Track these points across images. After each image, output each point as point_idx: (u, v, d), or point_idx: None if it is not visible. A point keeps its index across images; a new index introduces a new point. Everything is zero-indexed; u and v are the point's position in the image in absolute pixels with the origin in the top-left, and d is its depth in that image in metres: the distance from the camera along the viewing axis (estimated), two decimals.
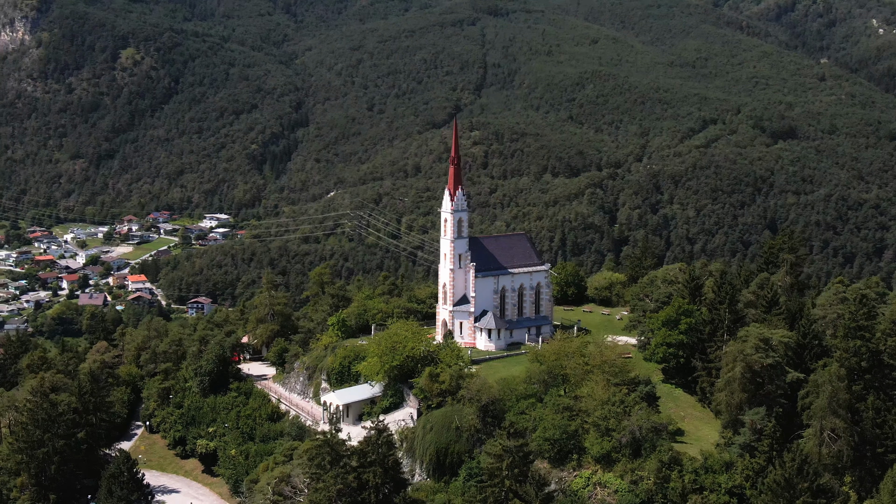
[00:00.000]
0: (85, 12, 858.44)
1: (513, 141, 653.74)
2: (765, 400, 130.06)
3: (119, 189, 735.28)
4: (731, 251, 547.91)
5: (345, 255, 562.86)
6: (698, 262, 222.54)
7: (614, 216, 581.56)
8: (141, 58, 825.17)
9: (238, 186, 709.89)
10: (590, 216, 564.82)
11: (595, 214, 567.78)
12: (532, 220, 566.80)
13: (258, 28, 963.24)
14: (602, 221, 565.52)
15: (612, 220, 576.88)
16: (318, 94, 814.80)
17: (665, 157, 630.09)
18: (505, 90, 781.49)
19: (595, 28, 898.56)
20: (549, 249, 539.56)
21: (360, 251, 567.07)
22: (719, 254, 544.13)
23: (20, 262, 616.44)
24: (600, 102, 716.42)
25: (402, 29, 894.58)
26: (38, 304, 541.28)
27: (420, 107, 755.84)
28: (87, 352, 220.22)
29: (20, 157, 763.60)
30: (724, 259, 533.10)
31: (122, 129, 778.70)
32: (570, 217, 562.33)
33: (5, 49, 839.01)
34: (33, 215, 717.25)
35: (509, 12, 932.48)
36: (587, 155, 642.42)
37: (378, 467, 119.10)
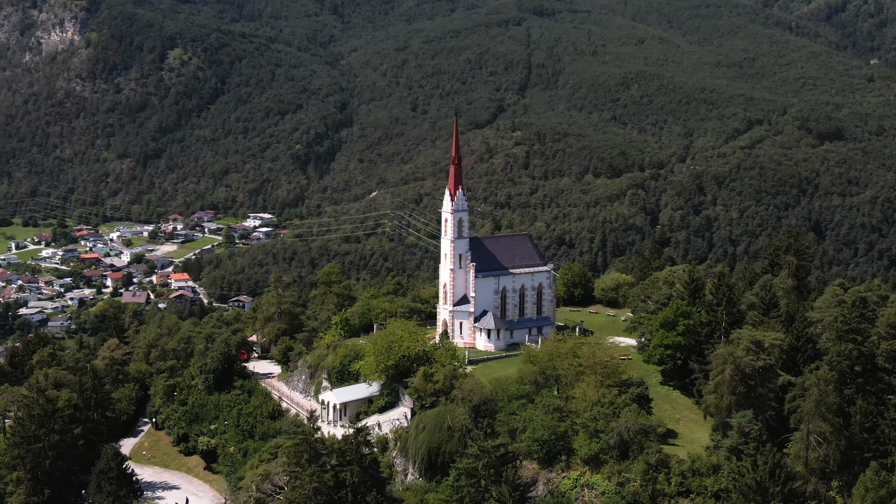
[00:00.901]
0: (133, 13, 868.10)
1: (555, 141, 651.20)
2: (756, 403, 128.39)
3: (165, 188, 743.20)
4: None
5: (384, 255, 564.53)
6: (703, 263, 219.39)
7: (656, 217, 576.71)
8: (188, 58, 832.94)
9: (282, 186, 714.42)
10: (631, 217, 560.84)
11: (636, 215, 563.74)
12: (572, 220, 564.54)
13: (305, 29, 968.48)
14: (643, 222, 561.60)
15: (654, 222, 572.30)
16: (362, 94, 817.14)
17: (709, 157, 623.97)
18: (549, 90, 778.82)
19: (642, 28, 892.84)
20: (590, 250, 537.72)
21: (400, 251, 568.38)
22: (763, 256, 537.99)
23: (66, 260, 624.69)
24: (644, 103, 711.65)
25: (447, 29, 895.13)
26: (82, 302, 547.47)
27: (463, 107, 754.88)
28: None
29: (68, 157, 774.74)
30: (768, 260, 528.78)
31: (169, 128, 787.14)
32: (611, 218, 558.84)
33: (55, 49, 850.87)
34: (80, 214, 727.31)
35: (555, 12, 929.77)
36: (630, 155, 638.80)
37: (355, 466, 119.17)
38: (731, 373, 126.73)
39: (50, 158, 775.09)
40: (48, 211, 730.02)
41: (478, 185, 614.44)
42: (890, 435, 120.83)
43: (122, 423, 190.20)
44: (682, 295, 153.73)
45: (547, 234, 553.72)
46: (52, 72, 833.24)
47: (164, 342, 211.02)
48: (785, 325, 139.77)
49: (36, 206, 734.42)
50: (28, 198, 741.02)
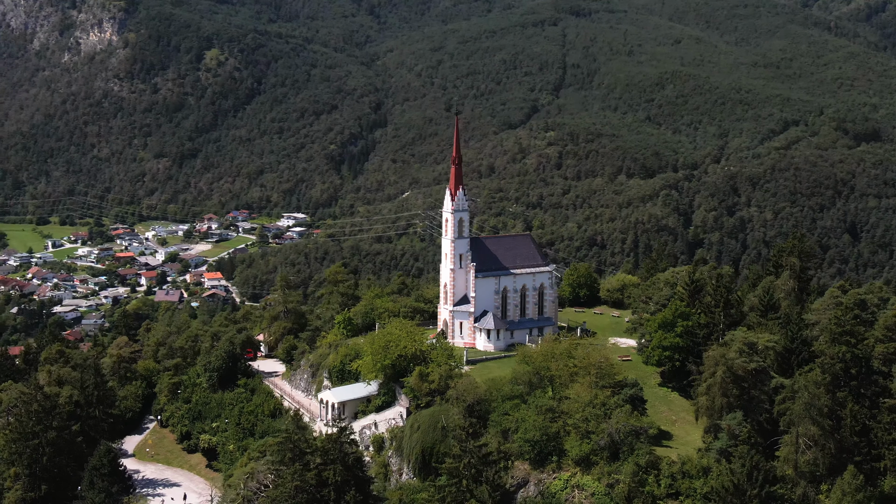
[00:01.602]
0: (171, 13, 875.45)
1: (588, 142, 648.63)
2: (749, 405, 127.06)
3: (200, 188, 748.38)
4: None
5: (415, 255, 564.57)
6: (707, 265, 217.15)
7: (689, 218, 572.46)
8: (225, 58, 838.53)
9: (316, 186, 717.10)
10: (664, 218, 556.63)
11: (669, 216, 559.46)
12: (604, 221, 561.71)
13: (341, 29, 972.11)
14: (676, 224, 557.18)
15: (687, 223, 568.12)
16: (397, 94, 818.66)
17: (743, 158, 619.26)
18: (583, 90, 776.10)
19: (679, 28, 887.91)
20: (622, 251, 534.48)
21: (431, 251, 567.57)
22: None
23: (101, 259, 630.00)
24: (679, 103, 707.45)
25: (483, 30, 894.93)
26: (116, 300, 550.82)
27: (497, 107, 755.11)
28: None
29: (106, 156, 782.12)
30: None
31: (205, 128, 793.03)
32: (644, 219, 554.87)
33: (93, 49, 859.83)
34: (117, 213, 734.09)
35: (592, 12, 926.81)
36: (663, 156, 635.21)
37: (339, 465, 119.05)
38: (722, 374, 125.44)
39: (87, 158, 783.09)
40: (85, 210, 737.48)
41: (509, 185, 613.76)
42: (883, 438, 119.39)
43: (127, 420, 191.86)
44: (681, 296, 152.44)
45: (578, 234, 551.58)
46: (91, 72, 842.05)
47: (172, 340, 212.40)
48: (783, 328, 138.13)
49: (73, 206, 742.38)
50: (65, 197, 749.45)
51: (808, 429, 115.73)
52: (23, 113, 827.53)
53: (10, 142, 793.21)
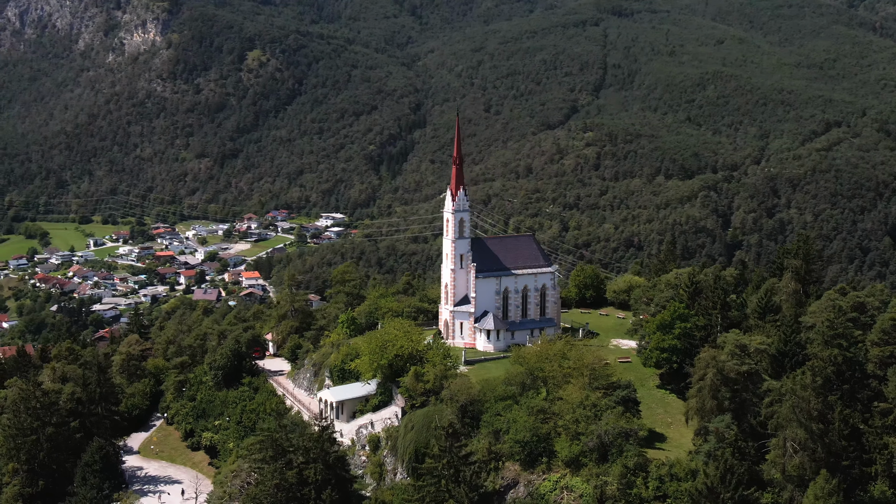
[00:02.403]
0: (214, 14, 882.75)
1: (626, 142, 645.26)
2: (740, 407, 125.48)
3: (241, 188, 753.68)
4: (849, 257, 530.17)
5: None
6: (713, 266, 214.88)
7: (728, 220, 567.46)
8: (266, 59, 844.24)
9: (354, 186, 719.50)
10: (702, 219, 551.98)
11: (708, 218, 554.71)
12: (642, 222, 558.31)
13: (383, 30, 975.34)
14: (715, 225, 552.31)
15: (726, 224, 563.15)
16: (436, 95, 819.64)
17: (784, 160, 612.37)
18: (623, 91, 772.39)
19: (722, 28, 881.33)
20: (658, 253, 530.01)
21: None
22: (836, 260, 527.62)
23: (141, 258, 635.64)
24: (720, 104, 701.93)
25: (524, 30, 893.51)
26: (155, 299, 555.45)
27: (536, 108, 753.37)
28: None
29: (148, 156, 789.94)
30: (840, 265, 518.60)
31: (247, 129, 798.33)
32: (682, 220, 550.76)
33: (137, 50, 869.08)
34: (158, 212, 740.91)
35: (634, 12, 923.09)
36: (703, 157, 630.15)
37: (320, 464, 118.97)
38: (712, 377, 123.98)
39: (130, 157, 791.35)
40: (127, 209, 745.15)
41: (546, 186, 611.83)
42: (874, 443, 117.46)
43: (134, 418, 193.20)
44: (681, 298, 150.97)
45: (615, 235, 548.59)
46: (134, 72, 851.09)
47: (181, 338, 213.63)
48: (781, 330, 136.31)
49: (115, 205, 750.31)
50: (108, 196, 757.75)
51: (796, 432, 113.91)
52: (67, 113, 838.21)
53: (54, 141, 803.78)
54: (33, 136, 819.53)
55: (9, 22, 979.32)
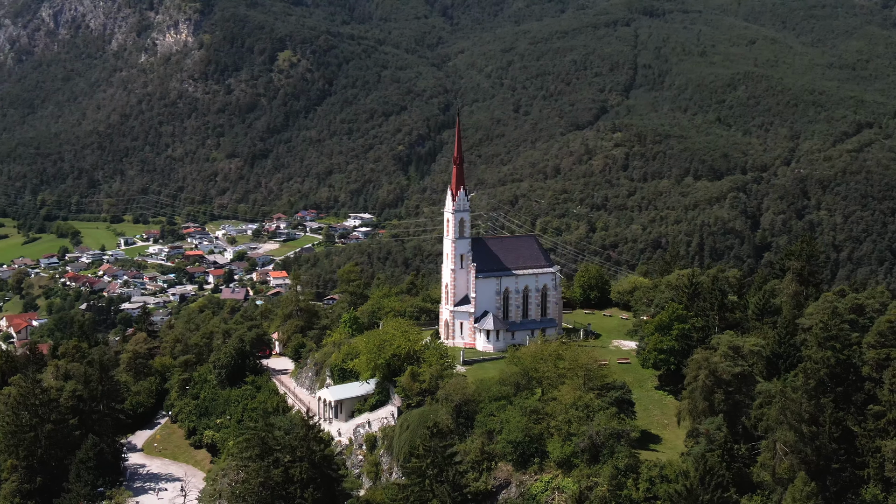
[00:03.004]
0: (245, 15, 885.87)
1: (655, 143, 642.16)
2: (733, 409, 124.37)
3: (270, 188, 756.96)
4: (879, 259, 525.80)
5: None
6: (714, 267, 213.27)
7: (757, 221, 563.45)
8: (297, 60, 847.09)
9: (382, 187, 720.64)
10: (730, 221, 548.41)
11: (736, 219, 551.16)
12: (669, 223, 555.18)
13: (413, 31, 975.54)
14: (743, 226, 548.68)
15: (755, 226, 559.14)
16: (466, 95, 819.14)
17: (814, 161, 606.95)
18: (654, 91, 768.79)
19: (754, 28, 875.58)
20: (686, 254, 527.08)
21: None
22: (866, 262, 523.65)
23: (171, 257, 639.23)
24: (751, 104, 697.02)
25: (554, 30, 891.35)
26: (183, 298, 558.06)
27: (566, 108, 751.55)
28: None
29: (179, 156, 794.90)
30: (870, 267, 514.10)
31: (277, 129, 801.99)
32: (710, 221, 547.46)
33: (169, 50, 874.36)
34: (189, 212, 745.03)
35: (666, 13, 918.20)
36: (732, 158, 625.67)
37: (305, 462, 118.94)
38: (704, 378, 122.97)
39: (161, 157, 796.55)
40: (158, 209, 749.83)
41: (574, 186, 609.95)
42: (866, 446, 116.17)
43: (139, 415, 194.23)
44: (680, 299, 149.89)
45: (643, 236, 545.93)
46: (166, 72, 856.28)
47: (187, 337, 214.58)
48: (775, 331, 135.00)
49: (146, 204, 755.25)
50: (139, 195, 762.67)
51: (785, 434, 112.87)
52: (100, 112, 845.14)
53: (86, 141, 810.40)
54: (66, 135, 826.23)
55: (43, 22, 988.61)
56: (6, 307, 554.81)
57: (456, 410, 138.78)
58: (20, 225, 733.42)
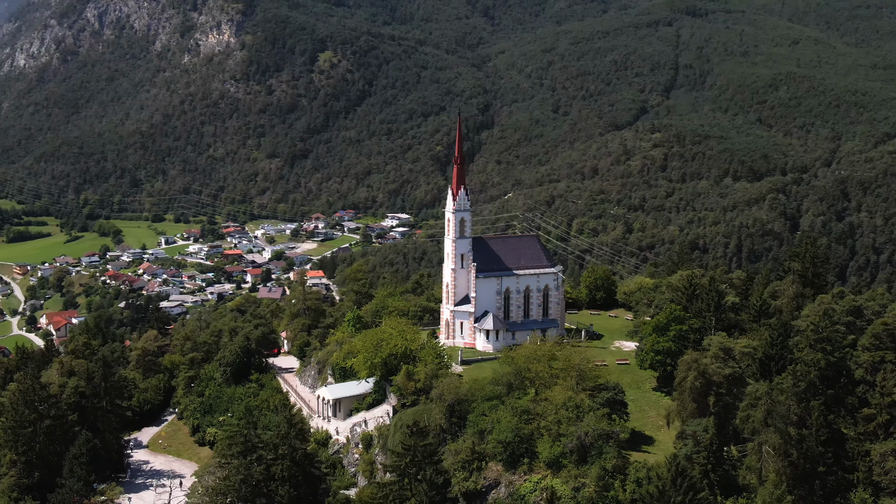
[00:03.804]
0: (287, 16, 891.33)
1: (695, 143, 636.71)
2: (723, 411, 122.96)
3: (310, 188, 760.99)
4: None
5: None
6: (717, 269, 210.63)
7: (796, 223, 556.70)
8: (338, 61, 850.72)
9: (420, 187, 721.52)
10: (769, 222, 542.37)
11: (775, 221, 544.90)
12: (707, 224, 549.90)
13: (455, 31, 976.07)
14: (782, 228, 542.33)
15: (794, 228, 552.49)
16: (505, 96, 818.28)
17: (855, 162, 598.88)
18: (694, 91, 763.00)
19: (797, 29, 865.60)
20: (724, 256, 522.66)
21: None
22: None
23: (210, 256, 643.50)
24: (792, 105, 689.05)
25: (595, 30, 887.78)
26: (221, 296, 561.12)
27: (605, 108, 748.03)
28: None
29: (220, 156, 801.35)
30: None
31: (317, 129, 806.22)
32: (748, 223, 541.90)
33: (212, 51, 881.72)
34: (229, 211, 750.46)
35: (708, 12, 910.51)
36: (772, 159, 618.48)
37: (287, 460, 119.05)
38: (693, 379, 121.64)
39: (203, 157, 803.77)
40: (199, 208, 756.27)
41: (612, 187, 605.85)
42: (856, 450, 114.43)
43: (146, 412, 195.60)
44: (679, 300, 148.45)
45: (680, 237, 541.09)
46: (208, 73, 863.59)
47: (196, 335, 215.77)
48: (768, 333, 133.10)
49: (187, 204, 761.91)
50: (180, 195, 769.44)
51: (770, 437, 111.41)
52: (143, 112, 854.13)
53: (129, 140, 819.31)
54: (109, 135, 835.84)
55: (88, 23, 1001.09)
56: (47, 305, 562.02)
57: (449, 410, 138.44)
58: (63, 224, 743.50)
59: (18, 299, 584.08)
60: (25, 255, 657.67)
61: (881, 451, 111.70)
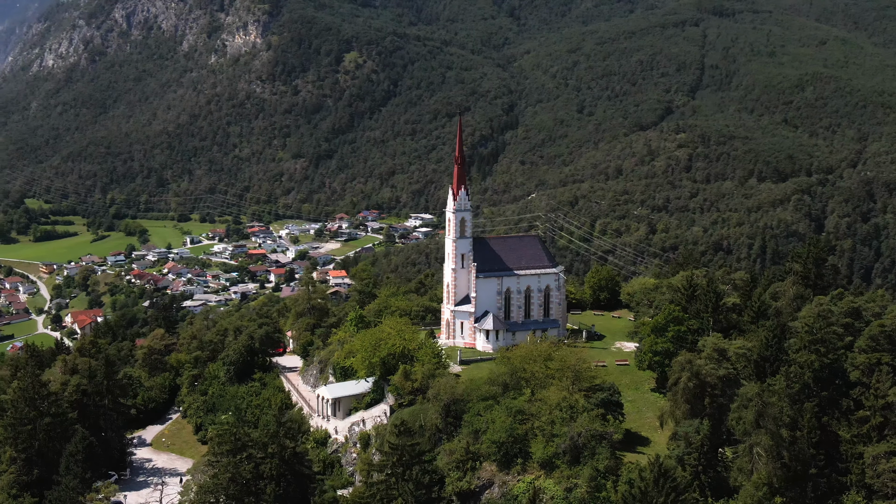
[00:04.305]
0: (313, 16, 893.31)
1: (719, 144, 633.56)
2: (717, 412, 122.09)
3: (334, 188, 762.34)
4: None
5: None
6: (720, 269, 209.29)
7: (821, 224, 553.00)
8: (363, 61, 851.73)
9: (444, 187, 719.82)
10: (794, 224, 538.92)
11: (800, 222, 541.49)
12: (731, 225, 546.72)
13: (480, 32, 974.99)
14: (807, 229, 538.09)
15: (819, 229, 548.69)
16: (530, 96, 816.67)
17: (881, 163, 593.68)
18: (720, 92, 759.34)
19: (825, 29, 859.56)
20: (748, 257, 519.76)
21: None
22: None
23: (235, 256, 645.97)
24: (819, 105, 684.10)
25: (622, 30, 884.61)
26: (244, 296, 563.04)
27: (630, 109, 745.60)
28: None
29: (246, 156, 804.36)
30: None
31: (342, 130, 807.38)
32: (773, 224, 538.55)
33: (238, 52, 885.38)
34: (254, 211, 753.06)
35: (735, 13, 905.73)
36: (797, 160, 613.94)
37: (276, 459, 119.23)
38: (686, 381, 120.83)
39: (229, 157, 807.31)
40: (224, 208, 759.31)
41: (635, 188, 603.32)
42: (849, 452, 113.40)
43: (150, 411, 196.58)
44: (679, 300, 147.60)
45: (704, 238, 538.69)
46: (235, 73, 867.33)
47: (203, 334, 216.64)
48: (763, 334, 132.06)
49: (213, 203, 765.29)
50: (206, 195, 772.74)
51: (761, 439, 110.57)
52: (170, 113, 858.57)
53: (156, 140, 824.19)
54: (136, 135, 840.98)
55: (116, 23, 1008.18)
56: (72, 304, 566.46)
57: (445, 410, 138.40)
58: (90, 223, 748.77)
59: (44, 298, 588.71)
60: (52, 255, 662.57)
61: (874, 453, 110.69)
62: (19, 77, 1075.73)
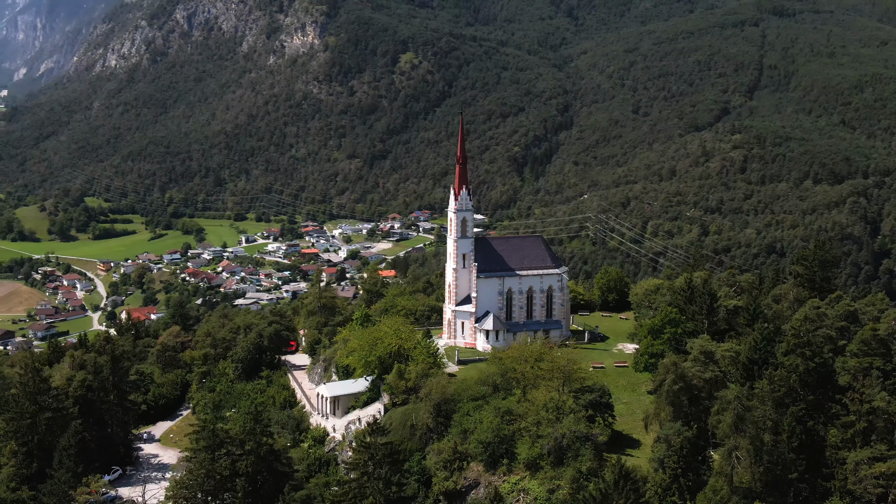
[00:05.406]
0: (370, 17, 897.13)
1: (775, 145, 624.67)
2: (702, 415, 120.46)
3: (388, 188, 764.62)
4: None
5: (584, 258, 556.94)
6: (725, 272, 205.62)
7: (877, 227, 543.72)
8: (419, 62, 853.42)
9: (496, 188, 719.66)
10: (849, 227, 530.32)
11: (855, 224, 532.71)
12: (785, 228, 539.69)
13: (537, 32, 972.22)
14: (862, 232, 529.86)
15: (875, 232, 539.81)
16: (585, 96, 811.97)
17: None
18: (778, 93, 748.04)
19: (887, 29, 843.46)
20: None
21: (601, 255, 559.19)
22: None
23: (288, 255, 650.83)
24: (878, 107, 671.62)
25: (680, 30, 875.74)
26: (296, 295, 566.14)
27: (686, 109, 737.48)
28: None
29: (302, 156, 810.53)
30: None
31: (396, 130, 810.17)
32: (828, 227, 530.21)
33: (296, 52, 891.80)
34: (309, 211, 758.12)
35: (796, 13, 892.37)
36: (854, 161, 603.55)
37: (252, 456, 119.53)
38: (671, 383, 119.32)
39: (285, 157, 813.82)
40: (280, 207, 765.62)
41: (689, 189, 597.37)
42: (833, 457, 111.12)
43: (161, 407, 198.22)
44: (677, 302, 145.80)
45: (757, 241, 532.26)
46: (293, 74, 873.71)
47: (216, 331, 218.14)
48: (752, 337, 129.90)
49: (269, 203, 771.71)
50: (262, 194, 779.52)
51: (740, 442, 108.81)
52: (228, 113, 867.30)
53: (214, 140, 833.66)
54: (195, 135, 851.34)
55: (177, 24, 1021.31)
56: (128, 301, 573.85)
57: (436, 409, 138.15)
58: (148, 221, 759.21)
59: (101, 295, 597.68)
60: (110, 252, 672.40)
61: (857, 458, 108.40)
62: (83, 77, 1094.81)
